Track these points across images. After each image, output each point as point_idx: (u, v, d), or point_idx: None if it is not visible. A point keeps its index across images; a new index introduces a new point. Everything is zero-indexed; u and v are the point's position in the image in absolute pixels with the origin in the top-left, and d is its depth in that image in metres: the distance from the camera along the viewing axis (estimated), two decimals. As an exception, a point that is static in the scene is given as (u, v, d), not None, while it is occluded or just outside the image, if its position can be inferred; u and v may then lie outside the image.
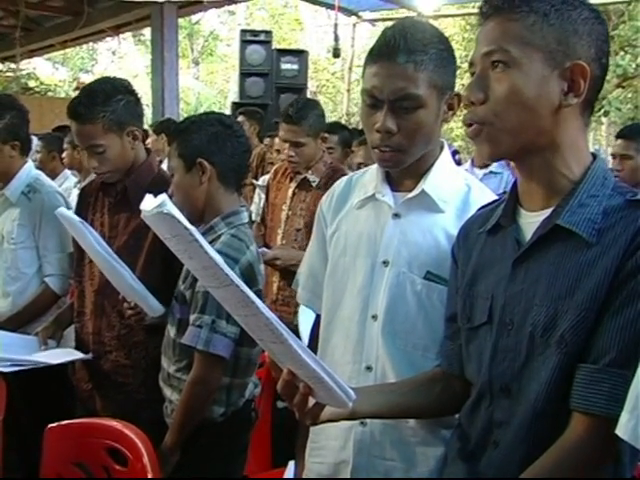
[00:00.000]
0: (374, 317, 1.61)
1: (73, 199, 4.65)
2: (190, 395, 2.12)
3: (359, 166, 3.66)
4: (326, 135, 3.68)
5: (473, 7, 9.65)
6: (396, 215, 1.64)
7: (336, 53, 9.06)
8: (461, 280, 1.44)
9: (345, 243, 1.71)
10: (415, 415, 1.56)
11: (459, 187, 1.66)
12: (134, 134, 2.45)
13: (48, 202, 2.94)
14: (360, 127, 1.99)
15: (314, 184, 3.54)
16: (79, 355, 2.51)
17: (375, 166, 1.70)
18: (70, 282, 2.95)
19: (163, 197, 1.08)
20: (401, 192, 1.66)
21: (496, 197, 1.56)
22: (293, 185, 3.62)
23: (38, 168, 3.32)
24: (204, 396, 2.14)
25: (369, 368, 1.61)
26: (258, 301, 1.11)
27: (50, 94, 18.83)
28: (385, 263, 1.61)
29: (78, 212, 2.50)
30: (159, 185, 2.28)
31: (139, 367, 2.46)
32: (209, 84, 25.59)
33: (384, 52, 1.52)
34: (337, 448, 1.66)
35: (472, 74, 1.27)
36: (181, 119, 2.68)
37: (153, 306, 2.27)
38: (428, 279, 1.58)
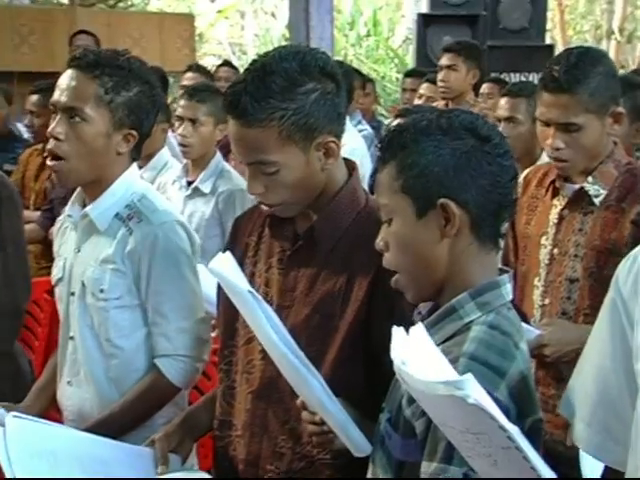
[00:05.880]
0: None
1: (171, 198, 4.16)
2: None
3: None
4: (620, 110, 2.62)
5: None
6: None
7: None
8: None
9: None
10: None
11: None
12: (327, 146, 2.03)
13: (164, 239, 2.37)
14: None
15: (597, 200, 2.61)
16: None
17: None
18: (197, 367, 2.48)
19: (468, 378, 1.02)
20: None
21: None
22: (560, 203, 2.72)
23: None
24: None
25: None
26: None
27: (121, 6, 16.62)
28: None
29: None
30: (367, 230, 1.91)
31: None
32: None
33: None
34: None
35: None
36: (333, 48, 2.13)
37: (356, 441, 1.91)
38: None
